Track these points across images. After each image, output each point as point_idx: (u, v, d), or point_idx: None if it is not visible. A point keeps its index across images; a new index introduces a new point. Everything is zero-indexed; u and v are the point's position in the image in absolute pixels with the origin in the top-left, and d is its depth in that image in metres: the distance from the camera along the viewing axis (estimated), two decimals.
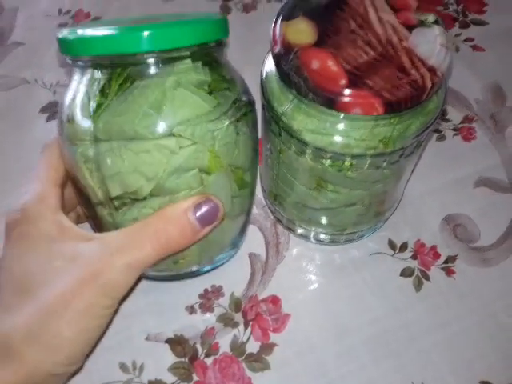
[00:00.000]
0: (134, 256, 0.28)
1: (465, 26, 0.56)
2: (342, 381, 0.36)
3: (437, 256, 0.41)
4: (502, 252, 0.41)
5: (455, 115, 0.49)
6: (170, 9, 0.58)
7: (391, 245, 0.41)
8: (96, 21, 0.56)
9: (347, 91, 0.27)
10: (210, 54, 0.31)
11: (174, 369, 0.37)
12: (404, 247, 0.41)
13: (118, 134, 0.29)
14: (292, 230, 0.42)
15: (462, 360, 0.37)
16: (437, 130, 0.47)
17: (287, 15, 0.31)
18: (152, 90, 0.28)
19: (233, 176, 0.32)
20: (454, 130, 0.48)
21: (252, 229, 0.42)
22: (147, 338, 0.38)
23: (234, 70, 0.33)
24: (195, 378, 0.36)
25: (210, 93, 0.30)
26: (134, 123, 0.28)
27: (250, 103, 0.33)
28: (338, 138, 0.30)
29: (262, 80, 0.33)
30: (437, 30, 0.30)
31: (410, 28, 0.30)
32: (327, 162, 0.31)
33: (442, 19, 0.31)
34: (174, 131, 0.28)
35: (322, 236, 0.40)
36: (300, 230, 0.41)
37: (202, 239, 0.30)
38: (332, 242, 0.41)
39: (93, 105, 0.29)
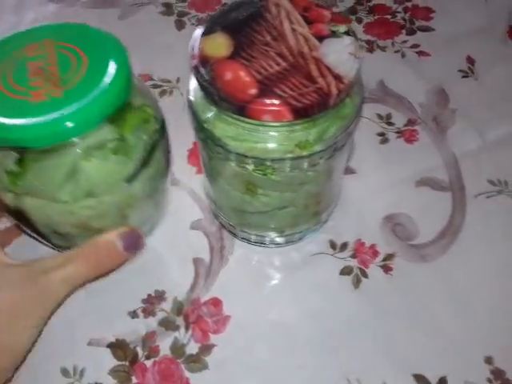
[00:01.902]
0: (68, 272, 0.30)
1: (412, 32, 0.57)
2: (280, 379, 0.37)
3: (376, 254, 0.41)
4: (440, 248, 0.42)
5: (399, 119, 0.50)
6: (126, 25, 0.60)
7: (332, 245, 0.42)
8: None
9: (256, 99, 0.29)
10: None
11: (114, 372, 0.37)
12: (344, 247, 0.42)
13: (40, 195, 0.32)
14: (235, 234, 0.42)
15: (396, 354, 0.37)
16: (380, 134, 0.49)
17: (207, 30, 0.33)
18: (64, 161, 0.31)
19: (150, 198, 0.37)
20: (398, 132, 0.49)
21: (197, 234, 0.43)
22: (89, 343, 0.38)
23: (142, 90, 0.36)
24: (134, 380, 0.37)
25: (118, 151, 0.32)
26: (54, 191, 0.31)
27: (162, 121, 0.36)
28: (256, 144, 0.31)
29: (188, 91, 0.34)
30: (347, 40, 0.32)
31: (322, 39, 0.32)
32: (251, 167, 0.32)
33: (354, 31, 0.32)
34: (92, 195, 0.32)
35: (263, 239, 0.41)
36: (242, 234, 0.42)
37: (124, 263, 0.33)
38: (273, 243, 0.42)
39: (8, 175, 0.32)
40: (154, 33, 0.59)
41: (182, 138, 0.48)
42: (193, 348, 0.38)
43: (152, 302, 0.40)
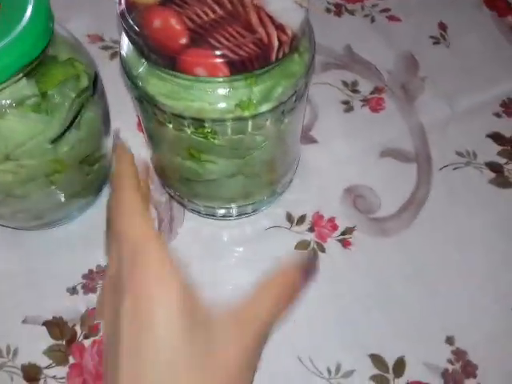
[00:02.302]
0: (264, 321, 0.27)
1: None
2: None
3: (334, 228, 0.39)
4: (401, 222, 0.39)
5: (365, 86, 0.47)
6: None
7: (289, 218, 0.40)
8: None
9: (187, 50, 0.25)
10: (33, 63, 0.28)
11: (49, 352, 0.35)
12: (301, 220, 0.40)
13: None
14: (184, 205, 0.40)
15: (353, 333, 0.35)
16: (345, 102, 0.46)
17: None
18: None
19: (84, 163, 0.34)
20: (363, 100, 0.46)
21: None
22: (24, 321, 0.36)
23: (72, 43, 0.32)
24: (72, 360, 0.34)
25: (40, 108, 0.29)
26: None
27: (94, 77, 0.33)
28: (192, 103, 0.27)
29: (120, 45, 0.31)
30: None
31: None
32: (189, 130, 0.29)
33: None
34: (11, 157, 0.29)
35: (214, 211, 0.39)
36: (191, 205, 0.39)
37: None
38: (225, 216, 0.39)
39: None
40: None
41: (130, 103, 0.45)
42: None
43: (93, 277, 0.37)
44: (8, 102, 0.28)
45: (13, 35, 0.27)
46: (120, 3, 0.27)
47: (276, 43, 0.25)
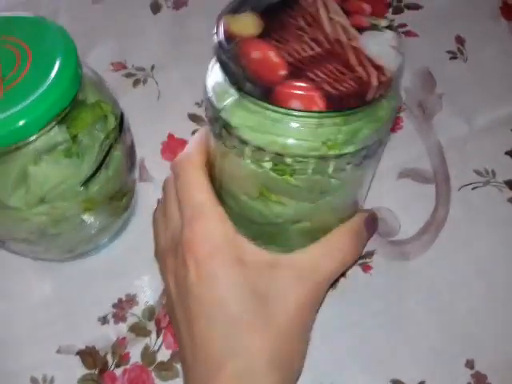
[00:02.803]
0: (331, 269, 0.31)
1: (399, 11, 0.54)
2: None
3: None
4: (420, 246, 0.40)
5: None
6: (100, 8, 0.57)
7: None
8: None
9: (285, 81, 0.25)
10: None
11: (83, 381, 0.36)
12: None
13: None
14: None
15: (374, 358, 0.36)
16: None
17: (234, 9, 0.29)
18: (13, 166, 0.29)
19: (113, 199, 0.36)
20: None
21: None
22: (58, 351, 0.37)
23: (98, 84, 0.34)
24: None
25: (71, 153, 0.31)
26: (4, 197, 0.30)
27: (120, 116, 0.34)
28: (278, 138, 0.27)
29: (205, 81, 0.31)
30: (389, 34, 0.28)
31: (361, 30, 0.28)
32: (268, 165, 0.29)
33: (396, 27, 0.30)
34: (46, 200, 0.31)
35: None
36: None
37: None
38: None
39: None
40: (129, 17, 0.56)
41: (155, 130, 0.47)
42: (164, 355, 0.37)
43: (123, 306, 0.39)
44: (41, 149, 0.30)
45: (45, 85, 0.28)
46: (218, 34, 0.28)
47: (375, 82, 0.25)
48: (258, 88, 0.26)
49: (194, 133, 0.47)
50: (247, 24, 0.29)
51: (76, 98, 0.30)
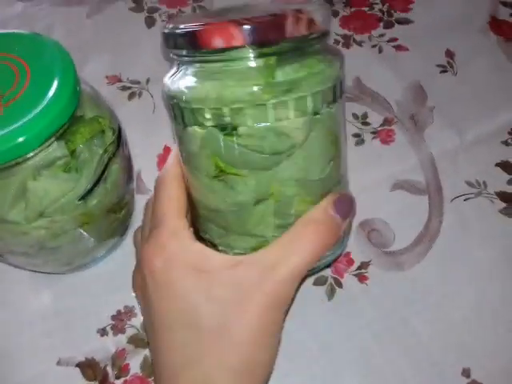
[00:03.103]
0: (295, 264, 0.28)
1: (389, 26, 0.56)
2: None
3: (350, 263, 0.40)
4: (415, 255, 0.41)
5: (375, 118, 0.48)
6: (95, 22, 0.58)
7: None
8: None
9: (207, 25, 0.26)
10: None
11: None
12: None
13: None
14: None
15: (371, 368, 0.36)
16: (356, 135, 0.47)
17: None
18: (12, 181, 0.30)
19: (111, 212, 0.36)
20: (373, 133, 0.47)
21: None
22: (58, 363, 0.37)
23: (96, 100, 0.34)
24: None
25: (69, 167, 0.31)
26: (4, 212, 0.31)
27: (118, 130, 0.35)
28: (211, 90, 0.27)
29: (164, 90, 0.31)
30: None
31: None
32: (210, 123, 0.28)
33: None
34: (45, 214, 0.31)
35: None
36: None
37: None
38: None
39: None
40: (123, 31, 0.57)
41: (151, 142, 0.48)
42: None
43: (121, 318, 0.39)
44: (40, 164, 0.30)
45: (44, 102, 0.29)
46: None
47: (291, 16, 0.26)
48: (186, 38, 0.27)
49: None
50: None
51: (74, 114, 0.31)
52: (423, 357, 0.37)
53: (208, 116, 0.28)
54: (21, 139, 0.28)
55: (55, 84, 0.30)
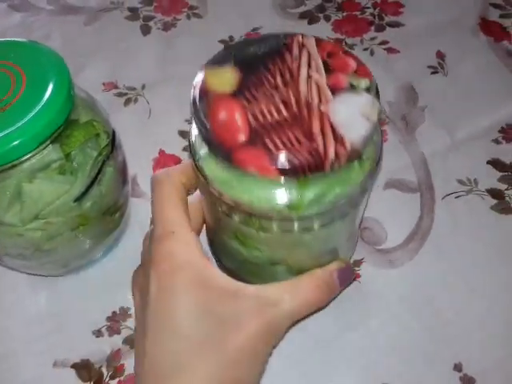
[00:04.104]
0: (295, 305, 0.30)
1: (381, 29, 0.56)
2: None
3: None
4: (407, 253, 0.41)
5: None
6: (91, 30, 0.59)
7: None
8: None
9: (242, 148, 0.26)
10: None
11: None
12: None
13: None
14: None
15: (364, 364, 0.37)
16: None
17: (216, 60, 0.30)
18: (8, 184, 0.31)
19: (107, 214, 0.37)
20: None
21: None
22: (55, 364, 0.38)
23: (90, 104, 0.35)
24: None
25: (64, 170, 0.32)
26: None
27: (112, 134, 0.35)
28: (242, 194, 0.28)
29: (190, 123, 0.31)
30: (364, 98, 0.27)
31: (337, 91, 0.27)
32: (237, 218, 0.30)
33: (377, 89, 0.29)
34: (40, 216, 0.32)
35: None
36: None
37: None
38: None
39: None
40: (120, 39, 0.58)
41: (146, 146, 0.48)
42: None
43: (117, 319, 0.39)
44: (36, 167, 0.31)
45: (39, 106, 0.30)
46: (195, 87, 0.29)
47: (332, 156, 0.25)
48: (220, 149, 0.26)
49: (184, 149, 0.48)
50: (224, 78, 0.29)
51: (69, 117, 0.32)
52: (416, 353, 0.37)
53: (236, 212, 0.29)
54: (16, 142, 0.29)
55: (50, 88, 0.30)
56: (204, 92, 0.28)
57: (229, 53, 0.30)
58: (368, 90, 0.28)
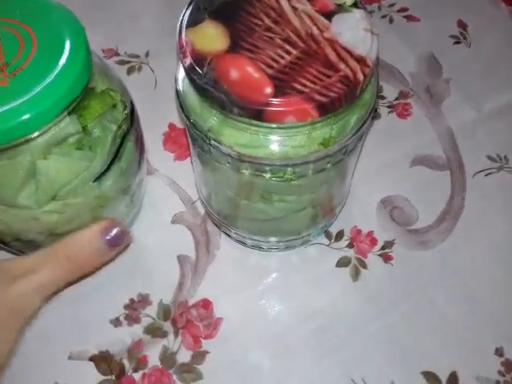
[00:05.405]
0: (41, 278, 0.26)
1: None
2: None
3: (374, 242, 0.39)
4: (440, 234, 0.39)
5: (390, 91, 0.46)
6: None
7: (327, 234, 0.39)
8: None
9: (275, 100, 0.24)
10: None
11: None
12: (340, 236, 0.39)
13: None
14: (243, 243, 0.39)
15: (401, 350, 0.35)
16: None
17: (192, 20, 0.27)
18: (20, 161, 0.27)
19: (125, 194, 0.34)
20: (389, 107, 0.45)
21: (180, 228, 0.40)
22: (70, 357, 0.35)
23: (106, 71, 0.31)
24: None
25: (82, 145, 0.28)
26: (12, 195, 0.28)
27: (130, 104, 0.32)
28: (274, 149, 0.27)
29: (177, 93, 0.29)
30: (357, 14, 0.27)
31: (329, 15, 0.27)
32: (268, 175, 0.28)
33: (361, 1, 0.28)
34: (57, 197, 0.28)
35: (260, 243, 0.38)
36: (237, 237, 0.38)
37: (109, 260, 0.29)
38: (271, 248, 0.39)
39: None
40: (119, 0, 0.53)
41: (154, 120, 0.44)
42: (184, 356, 0.35)
43: (135, 307, 0.37)
44: (51, 141, 0.27)
45: (55, 72, 0.26)
46: (185, 56, 0.26)
47: (362, 78, 0.25)
48: (249, 111, 0.25)
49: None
50: (212, 36, 0.27)
51: (87, 86, 0.28)
52: (454, 336, 0.35)
53: (267, 169, 0.28)
54: (30, 114, 0.25)
55: (66, 51, 0.27)
56: (198, 56, 0.26)
57: (197, 7, 0.28)
58: (355, 5, 0.28)
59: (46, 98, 0.25)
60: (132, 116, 0.32)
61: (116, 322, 0.36)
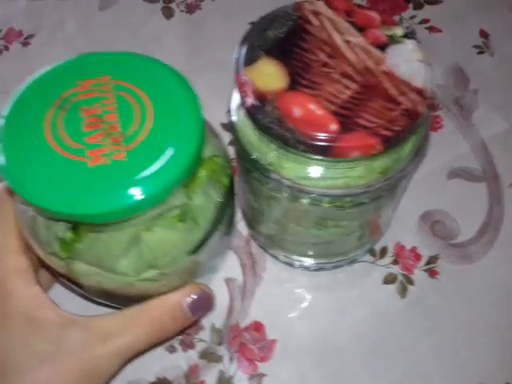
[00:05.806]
0: (126, 341, 0.27)
1: (419, 6, 0.54)
2: None
3: (418, 258, 0.39)
4: (482, 246, 0.40)
5: None
6: (108, 16, 0.54)
7: (371, 251, 0.40)
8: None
9: (342, 136, 0.25)
10: None
11: None
12: (384, 252, 0.40)
13: (95, 265, 0.27)
14: (290, 265, 0.39)
15: (455, 365, 0.36)
16: None
17: (248, 58, 0.27)
18: (124, 232, 0.25)
19: None
20: None
21: None
22: None
23: (211, 136, 0.29)
24: None
25: (186, 216, 0.26)
26: (113, 263, 0.26)
27: (231, 171, 0.30)
28: (335, 181, 0.27)
29: (233, 126, 0.29)
30: (409, 45, 0.28)
31: (382, 47, 0.27)
32: (326, 205, 0.29)
33: (412, 30, 0.29)
34: (155, 267, 0.27)
35: (303, 264, 0.39)
36: (298, 263, 0.39)
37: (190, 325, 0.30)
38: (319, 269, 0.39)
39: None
40: (140, 24, 0.54)
41: None
42: (241, 380, 0.35)
43: (189, 332, 0.37)
44: (156, 214, 0.25)
45: (174, 148, 0.23)
46: (246, 95, 0.26)
47: (423, 110, 0.25)
48: (315, 147, 0.25)
49: (230, 143, 0.45)
50: (270, 74, 0.27)
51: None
52: (508, 351, 0.36)
53: (326, 199, 0.28)
54: (146, 195, 0.22)
55: (183, 122, 0.24)
56: (259, 95, 0.26)
57: (251, 45, 0.28)
58: (405, 35, 0.28)
59: (165, 177, 0.23)
60: (233, 182, 0.30)
61: (171, 349, 0.36)
